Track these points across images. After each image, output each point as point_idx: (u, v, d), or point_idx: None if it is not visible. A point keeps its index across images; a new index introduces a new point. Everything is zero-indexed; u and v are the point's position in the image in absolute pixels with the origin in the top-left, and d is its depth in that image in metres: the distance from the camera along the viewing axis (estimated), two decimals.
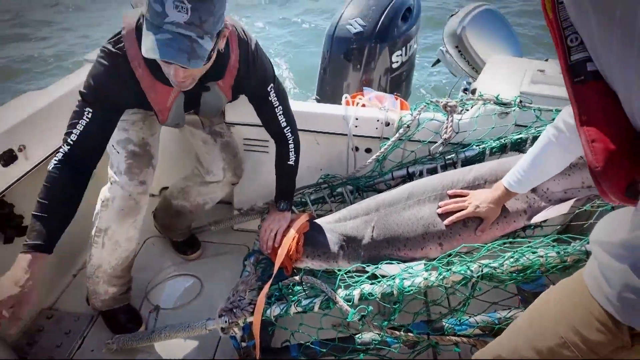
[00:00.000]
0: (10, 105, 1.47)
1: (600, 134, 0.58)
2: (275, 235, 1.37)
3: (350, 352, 1.22)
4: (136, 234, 1.43)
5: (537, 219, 1.24)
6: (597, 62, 0.60)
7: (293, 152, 1.43)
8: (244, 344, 1.25)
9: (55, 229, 1.09)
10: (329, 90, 2.45)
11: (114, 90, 1.18)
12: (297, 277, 1.25)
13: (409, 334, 1.17)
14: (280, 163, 1.45)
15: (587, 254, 1.01)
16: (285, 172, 1.46)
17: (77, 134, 1.14)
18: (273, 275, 1.25)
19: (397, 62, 2.35)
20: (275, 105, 1.37)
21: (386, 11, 2.28)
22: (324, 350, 1.22)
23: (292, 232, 1.34)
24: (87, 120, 1.14)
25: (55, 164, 1.13)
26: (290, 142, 1.42)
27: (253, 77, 1.31)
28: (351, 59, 2.33)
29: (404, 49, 2.36)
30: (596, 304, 0.68)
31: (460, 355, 1.33)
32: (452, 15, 2.66)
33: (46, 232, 1.07)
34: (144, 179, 1.37)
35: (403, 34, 2.34)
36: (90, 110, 1.14)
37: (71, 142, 1.14)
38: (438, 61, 2.96)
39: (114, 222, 1.36)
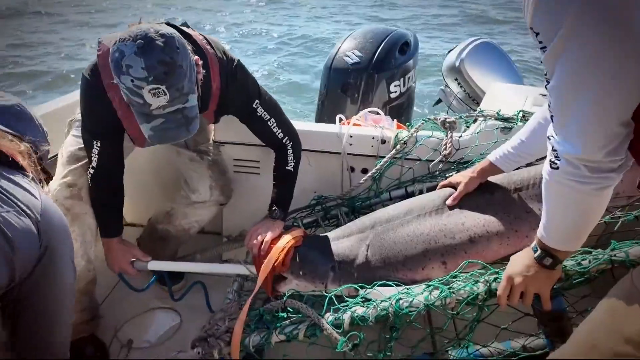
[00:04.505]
0: None
1: None
2: (262, 242, 1.25)
3: None
4: (79, 250, 1.29)
5: None
6: None
7: (292, 157, 1.38)
8: None
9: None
10: (327, 121, 2.41)
11: (102, 119, 1.23)
12: (280, 302, 1.10)
13: None
14: (278, 169, 1.40)
15: (612, 262, 0.87)
16: (283, 178, 1.39)
17: (96, 161, 1.26)
18: (254, 292, 1.11)
19: (395, 92, 2.33)
20: (266, 119, 1.33)
21: (383, 43, 2.30)
22: None
23: (282, 243, 1.22)
24: (98, 149, 1.25)
25: (89, 185, 1.29)
26: (289, 148, 1.37)
27: (236, 98, 1.29)
28: (348, 91, 2.32)
29: (402, 79, 2.35)
30: None
31: None
32: (450, 51, 2.69)
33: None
34: (73, 181, 1.28)
35: (401, 65, 2.33)
36: (96, 141, 1.25)
37: (94, 167, 1.27)
38: (439, 101, 2.94)
39: None
